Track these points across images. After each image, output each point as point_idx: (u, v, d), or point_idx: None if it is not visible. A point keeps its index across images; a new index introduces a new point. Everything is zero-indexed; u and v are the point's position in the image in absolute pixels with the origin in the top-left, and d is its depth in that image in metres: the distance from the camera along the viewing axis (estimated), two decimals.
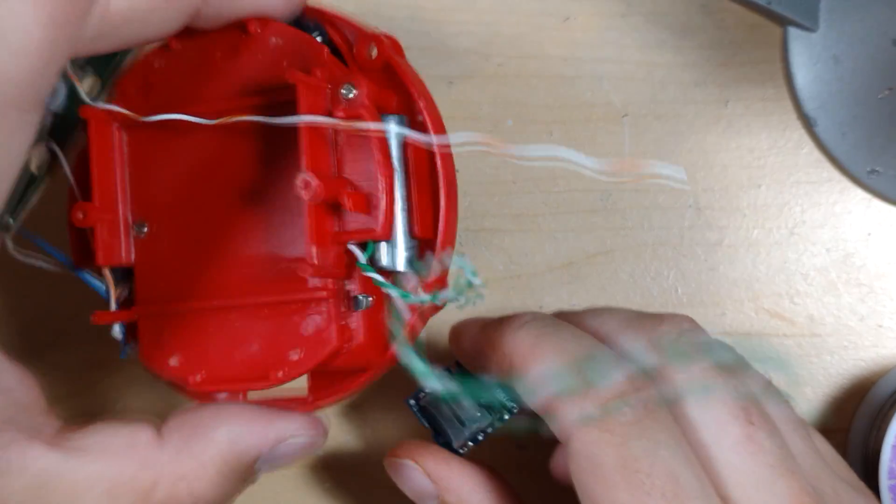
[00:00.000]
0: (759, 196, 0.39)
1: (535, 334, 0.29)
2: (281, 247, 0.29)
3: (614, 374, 0.27)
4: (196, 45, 0.30)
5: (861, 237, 0.39)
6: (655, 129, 0.39)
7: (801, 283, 0.39)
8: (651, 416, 0.26)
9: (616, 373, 0.27)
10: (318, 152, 0.28)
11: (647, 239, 0.39)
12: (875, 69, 0.37)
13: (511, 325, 0.29)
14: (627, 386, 0.27)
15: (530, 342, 0.28)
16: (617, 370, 0.27)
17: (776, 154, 0.39)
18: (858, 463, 0.37)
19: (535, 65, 0.39)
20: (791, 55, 0.38)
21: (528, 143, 0.39)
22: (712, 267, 0.39)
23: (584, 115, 0.39)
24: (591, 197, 0.39)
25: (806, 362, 0.39)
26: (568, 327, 0.29)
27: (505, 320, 0.30)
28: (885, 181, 0.38)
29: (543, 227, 0.39)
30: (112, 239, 0.31)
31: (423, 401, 0.32)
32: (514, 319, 0.30)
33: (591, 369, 0.27)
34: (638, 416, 0.26)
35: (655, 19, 0.39)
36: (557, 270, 0.39)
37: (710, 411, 0.27)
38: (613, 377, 0.27)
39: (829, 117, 0.38)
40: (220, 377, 0.29)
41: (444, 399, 0.32)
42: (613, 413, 0.26)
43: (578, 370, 0.27)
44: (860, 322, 0.38)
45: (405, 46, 0.39)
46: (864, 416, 0.37)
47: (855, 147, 0.38)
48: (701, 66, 0.39)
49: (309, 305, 0.29)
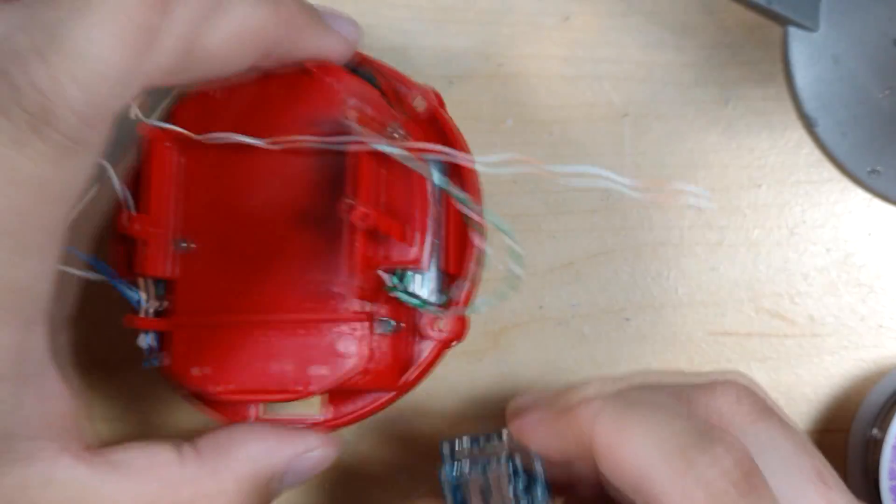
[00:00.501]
0: (760, 196, 0.39)
1: (620, 410, 0.27)
2: (318, 268, 0.31)
3: (715, 449, 0.25)
4: (255, 79, 0.32)
5: (861, 237, 0.39)
6: (656, 129, 0.39)
7: (802, 283, 0.39)
8: (755, 493, 0.25)
9: (717, 448, 0.25)
10: (371, 184, 0.30)
11: (647, 239, 0.39)
12: (875, 69, 0.37)
13: (586, 401, 0.27)
14: (729, 463, 0.25)
15: (615, 419, 0.26)
16: (716, 445, 0.25)
17: (776, 154, 0.39)
18: (859, 463, 0.37)
19: (535, 65, 0.39)
20: (791, 55, 0.38)
21: (530, 144, 0.39)
22: (713, 267, 0.39)
23: (584, 114, 0.39)
24: (591, 197, 0.39)
25: (806, 362, 0.39)
26: (648, 396, 0.28)
27: (574, 394, 0.28)
28: (885, 181, 0.38)
29: (543, 227, 0.39)
30: (158, 252, 0.32)
31: (461, 479, 0.29)
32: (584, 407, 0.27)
33: (688, 446, 0.25)
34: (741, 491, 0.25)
35: (656, 19, 0.39)
36: (557, 270, 0.39)
37: (788, 477, 0.26)
38: (715, 453, 0.25)
39: (830, 117, 0.38)
40: (247, 388, 0.31)
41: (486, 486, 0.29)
42: (721, 497, 0.25)
43: (676, 448, 0.25)
44: (860, 322, 0.38)
45: (405, 46, 0.39)
46: (865, 416, 0.37)
47: (855, 147, 0.38)
48: (701, 66, 0.39)
49: (343, 325, 0.31)
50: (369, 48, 0.39)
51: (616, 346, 0.39)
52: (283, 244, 0.32)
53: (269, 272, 0.31)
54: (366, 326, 0.31)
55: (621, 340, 0.39)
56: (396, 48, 0.39)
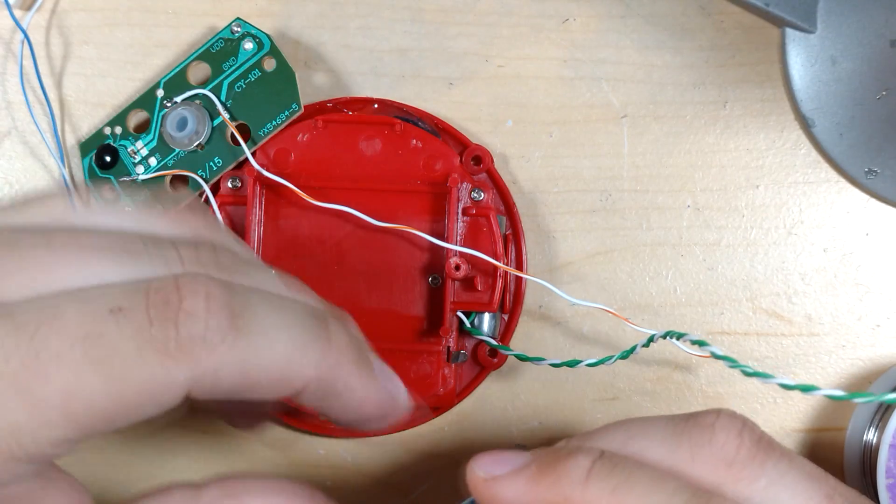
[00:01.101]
0: (757, 196, 0.39)
1: (611, 488, 0.24)
2: (397, 304, 0.38)
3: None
4: (341, 129, 0.38)
5: (859, 237, 0.39)
6: (654, 130, 0.39)
7: (799, 283, 0.39)
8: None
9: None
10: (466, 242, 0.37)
11: (645, 239, 0.39)
12: (872, 70, 0.38)
13: (573, 477, 0.24)
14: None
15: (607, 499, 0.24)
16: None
17: (774, 154, 0.39)
18: (856, 462, 0.37)
19: (534, 66, 0.39)
20: (789, 56, 0.38)
21: (529, 146, 0.39)
22: (710, 267, 0.39)
23: (583, 115, 0.39)
24: (591, 197, 0.39)
25: (804, 362, 0.39)
26: (640, 471, 0.25)
27: (559, 466, 0.25)
28: (882, 181, 0.38)
29: (543, 227, 0.39)
30: None
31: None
32: (571, 466, 0.25)
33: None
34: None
35: (654, 21, 0.39)
36: (557, 270, 0.39)
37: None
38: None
39: (827, 118, 0.38)
40: None
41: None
42: None
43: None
44: (858, 322, 0.39)
45: (406, 48, 0.40)
46: (862, 415, 0.37)
47: (852, 147, 0.38)
48: (699, 68, 0.39)
49: (422, 356, 0.37)
50: (371, 49, 0.40)
51: (615, 346, 0.39)
52: (364, 281, 0.38)
53: (349, 305, 0.32)
54: (442, 356, 0.37)
55: (620, 340, 0.39)
56: (397, 49, 0.40)
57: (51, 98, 0.40)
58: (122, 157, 0.39)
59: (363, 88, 0.40)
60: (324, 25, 0.40)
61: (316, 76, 0.40)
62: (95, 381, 0.22)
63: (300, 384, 0.24)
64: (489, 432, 0.39)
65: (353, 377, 0.26)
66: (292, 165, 0.38)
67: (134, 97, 0.39)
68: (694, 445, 0.26)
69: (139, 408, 0.22)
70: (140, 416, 0.23)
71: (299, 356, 0.24)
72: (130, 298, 0.23)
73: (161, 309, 0.22)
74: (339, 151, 0.38)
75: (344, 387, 0.26)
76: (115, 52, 0.40)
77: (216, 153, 0.38)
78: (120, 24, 0.40)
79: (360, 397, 0.26)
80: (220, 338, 0.23)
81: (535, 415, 0.39)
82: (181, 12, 0.40)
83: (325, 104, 0.39)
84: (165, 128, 0.38)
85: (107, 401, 0.22)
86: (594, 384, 0.39)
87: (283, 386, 0.24)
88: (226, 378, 0.23)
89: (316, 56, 0.40)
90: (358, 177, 0.38)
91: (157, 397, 0.22)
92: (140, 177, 0.39)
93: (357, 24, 0.40)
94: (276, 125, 0.38)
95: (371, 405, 0.27)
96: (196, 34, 0.40)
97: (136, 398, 0.22)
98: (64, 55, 0.40)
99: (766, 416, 0.39)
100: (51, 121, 0.40)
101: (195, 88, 0.38)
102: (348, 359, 0.26)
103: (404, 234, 0.37)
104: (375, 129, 0.38)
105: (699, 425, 0.26)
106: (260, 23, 0.39)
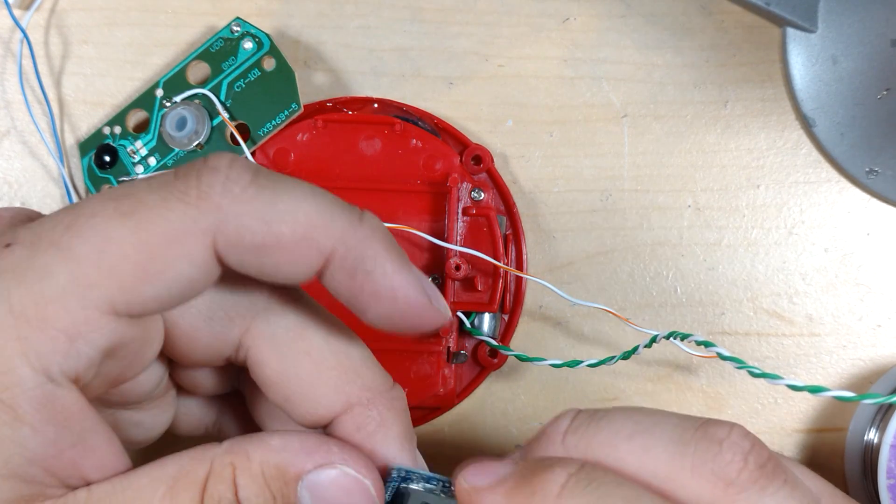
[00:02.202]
0: (758, 196, 0.39)
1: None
2: None
3: None
4: (341, 128, 0.38)
5: (860, 237, 0.39)
6: (655, 130, 0.39)
7: (800, 283, 0.39)
8: None
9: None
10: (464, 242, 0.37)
11: (646, 239, 0.39)
12: (873, 70, 0.38)
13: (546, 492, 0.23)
14: None
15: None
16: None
17: (775, 154, 0.39)
18: (857, 463, 0.37)
19: (534, 66, 0.39)
20: (790, 56, 0.38)
21: (529, 145, 0.39)
22: (711, 267, 0.39)
23: (583, 115, 0.39)
24: (591, 197, 0.39)
25: (804, 362, 0.39)
26: (617, 489, 0.24)
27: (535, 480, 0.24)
28: (883, 181, 0.38)
29: (543, 227, 0.39)
30: None
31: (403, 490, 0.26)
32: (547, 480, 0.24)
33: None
34: None
35: (655, 20, 0.39)
36: (557, 270, 0.39)
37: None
38: None
39: (828, 118, 0.38)
40: None
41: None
42: None
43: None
44: (859, 322, 0.39)
45: (406, 47, 0.40)
46: (863, 415, 0.37)
47: (853, 147, 0.38)
48: (700, 67, 0.39)
49: (422, 356, 0.37)
50: (371, 49, 0.40)
51: (616, 346, 0.39)
52: None
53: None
54: (443, 356, 0.37)
55: (621, 341, 0.39)
56: (397, 49, 0.40)
57: (50, 98, 0.40)
58: (121, 156, 0.39)
59: (363, 88, 0.40)
60: (324, 25, 0.40)
61: (316, 76, 0.40)
62: (125, 231, 0.23)
63: (327, 246, 0.24)
64: (489, 432, 0.39)
65: (386, 257, 0.25)
66: (292, 165, 0.38)
67: (133, 97, 0.39)
68: (698, 458, 0.25)
69: (172, 262, 0.23)
70: (176, 276, 0.23)
71: (327, 219, 0.24)
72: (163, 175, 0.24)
73: (186, 168, 0.24)
74: (338, 151, 0.38)
75: (375, 265, 0.25)
76: (115, 51, 0.40)
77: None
78: (119, 24, 0.40)
79: (393, 284, 0.25)
80: (241, 188, 0.23)
81: (535, 415, 0.39)
82: (181, 12, 0.40)
83: (324, 104, 0.39)
84: (165, 127, 0.38)
85: (135, 252, 0.23)
86: (594, 384, 0.39)
87: (309, 248, 0.24)
88: (248, 231, 0.23)
89: (316, 55, 0.40)
90: (358, 176, 0.38)
91: (184, 247, 0.23)
92: (139, 177, 0.39)
93: (357, 23, 0.40)
94: (275, 125, 0.38)
95: (406, 297, 0.25)
96: (195, 34, 0.40)
97: (163, 249, 0.23)
98: (63, 55, 0.40)
99: (766, 417, 0.39)
100: (50, 120, 0.40)
101: (194, 88, 0.38)
102: (380, 238, 0.25)
103: (404, 234, 0.37)
104: (375, 128, 0.38)
105: (708, 438, 0.25)
106: (259, 22, 0.39)
